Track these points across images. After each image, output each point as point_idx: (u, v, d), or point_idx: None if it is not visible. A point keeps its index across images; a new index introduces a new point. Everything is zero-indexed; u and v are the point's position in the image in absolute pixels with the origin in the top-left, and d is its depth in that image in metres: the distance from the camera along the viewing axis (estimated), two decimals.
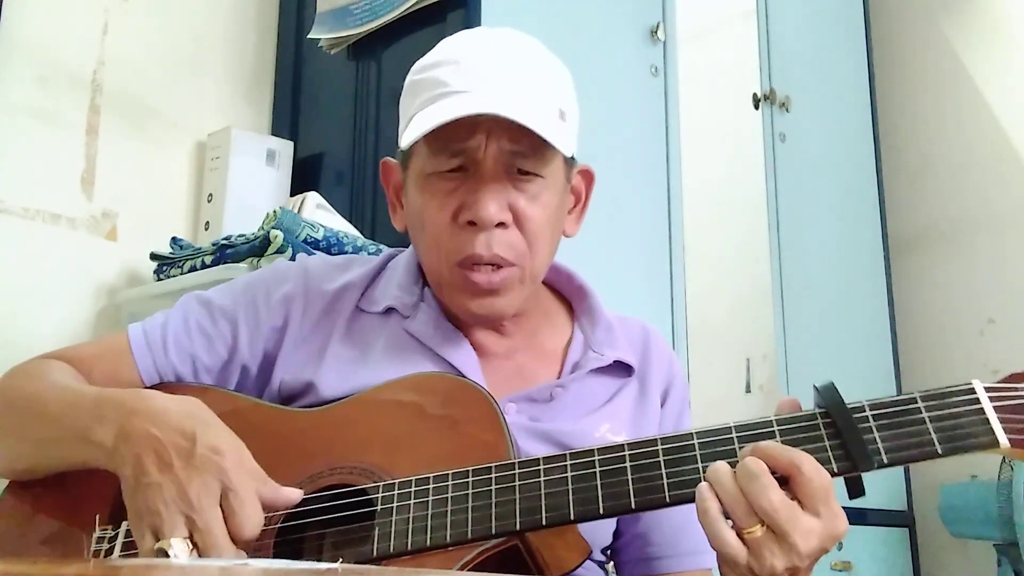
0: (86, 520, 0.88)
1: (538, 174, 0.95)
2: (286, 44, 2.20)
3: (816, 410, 0.81)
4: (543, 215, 0.97)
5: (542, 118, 0.93)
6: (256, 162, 1.99)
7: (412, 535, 0.80)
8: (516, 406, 0.98)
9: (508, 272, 0.96)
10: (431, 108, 0.93)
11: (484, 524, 0.80)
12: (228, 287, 1.06)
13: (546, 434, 0.96)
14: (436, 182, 0.95)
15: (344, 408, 0.93)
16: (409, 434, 0.88)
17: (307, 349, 1.01)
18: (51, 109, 1.84)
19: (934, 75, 2.81)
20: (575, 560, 0.83)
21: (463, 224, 0.94)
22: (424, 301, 1.03)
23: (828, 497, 0.75)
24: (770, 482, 0.74)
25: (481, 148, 0.93)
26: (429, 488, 0.82)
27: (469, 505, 0.80)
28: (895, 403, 0.80)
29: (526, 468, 0.82)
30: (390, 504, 0.82)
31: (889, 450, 0.78)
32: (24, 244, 1.78)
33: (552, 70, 0.99)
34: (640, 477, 0.80)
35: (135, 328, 1.02)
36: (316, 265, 1.07)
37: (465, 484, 0.82)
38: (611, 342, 1.05)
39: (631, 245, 2.00)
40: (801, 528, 0.74)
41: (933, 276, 2.73)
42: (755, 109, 2.40)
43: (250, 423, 0.92)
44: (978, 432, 0.77)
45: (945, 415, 0.78)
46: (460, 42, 0.98)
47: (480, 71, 0.93)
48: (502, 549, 0.80)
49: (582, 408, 1.01)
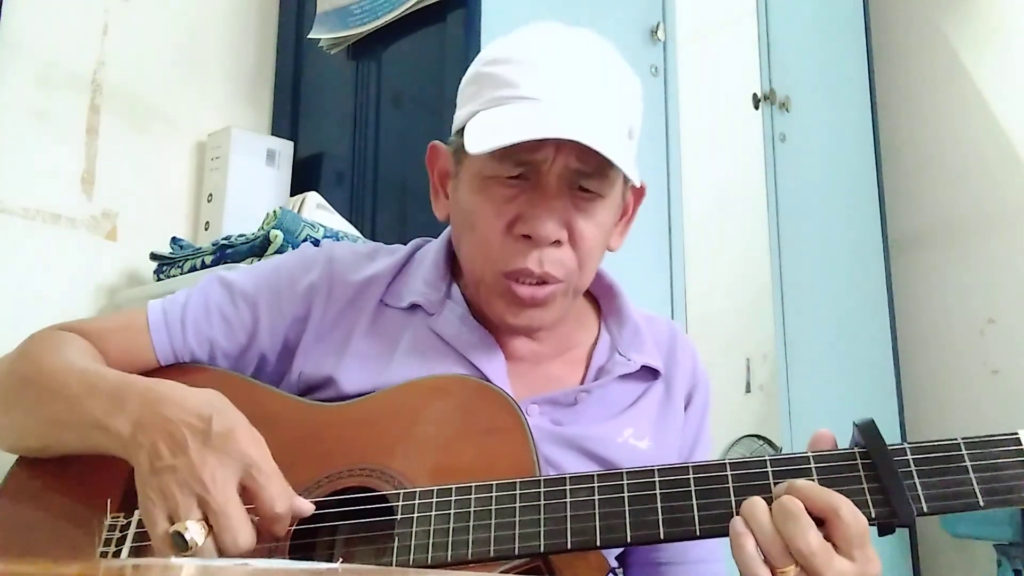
0: (97, 505, 0.86)
1: (600, 194, 0.93)
2: (286, 44, 2.20)
3: (855, 449, 0.78)
4: (597, 235, 0.95)
5: (612, 139, 0.90)
6: (256, 162, 1.99)
7: (433, 550, 0.78)
8: (539, 408, 0.96)
9: (554, 288, 0.94)
10: (500, 111, 0.89)
11: (507, 544, 0.78)
12: (252, 270, 1.03)
13: (568, 439, 0.95)
14: (494, 187, 0.92)
15: (366, 406, 0.91)
16: (432, 439, 0.86)
17: (329, 341, 0.99)
18: (51, 109, 1.84)
19: (934, 75, 2.81)
20: None
21: (517, 236, 0.92)
22: (451, 298, 1.00)
23: (864, 542, 0.73)
24: (808, 524, 0.72)
25: (548, 162, 0.90)
26: (451, 500, 0.80)
27: (492, 522, 0.78)
28: (937, 448, 0.77)
29: (552, 487, 0.79)
30: (411, 514, 0.80)
31: (930, 499, 0.75)
32: (24, 244, 1.78)
33: (625, 83, 0.96)
34: (670, 507, 0.77)
35: (155, 305, 1.00)
36: (342, 254, 1.04)
37: (488, 499, 0.79)
38: (638, 345, 1.03)
39: (631, 245, 1.99)
40: (835, 570, 0.72)
41: (933, 276, 2.73)
42: (755, 109, 2.40)
43: (269, 413, 0.91)
44: (1022, 487, 0.75)
45: (988, 465, 0.76)
46: (534, 40, 0.94)
47: (553, 77, 0.90)
48: (523, 569, 0.79)
49: (606, 412, 0.99)
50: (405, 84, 1.88)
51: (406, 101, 1.89)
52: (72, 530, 0.87)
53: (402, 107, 1.87)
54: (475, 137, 0.88)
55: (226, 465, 0.76)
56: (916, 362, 2.66)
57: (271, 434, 0.81)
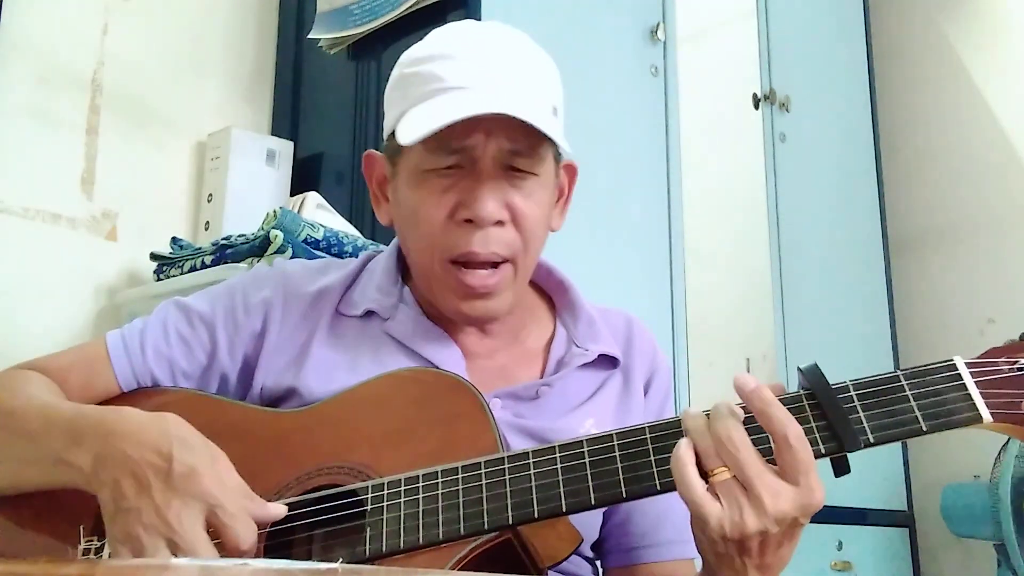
0: (70, 531, 0.87)
1: (533, 172, 0.96)
2: (286, 44, 2.20)
3: (801, 391, 0.81)
4: (538, 212, 0.97)
5: (539, 115, 0.92)
6: (256, 162, 1.99)
7: (404, 534, 0.80)
8: (501, 402, 0.98)
9: (502, 272, 0.96)
10: (428, 104, 0.92)
11: (476, 520, 0.80)
12: (207, 292, 1.05)
13: (531, 431, 0.96)
14: (432, 179, 0.94)
15: (328, 406, 0.93)
16: (396, 431, 0.88)
17: (287, 354, 1.00)
18: (51, 109, 1.84)
19: (934, 75, 2.81)
20: (567, 549, 0.84)
21: (460, 221, 0.94)
22: (403, 301, 1.03)
23: (808, 469, 0.75)
24: (736, 422, 0.76)
25: (479, 146, 0.92)
26: (419, 486, 0.82)
27: (460, 501, 0.80)
28: (878, 382, 0.80)
29: (515, 462, 0.81)
30: (380, 503, 0.82)
31: (875, 429, 0.78)
32: (24, 244, 1.78)
33: (544, 66, 0.98)
34: (630, 465, 0.80)
35: (113, 335, 1.01)
36: (294, 269, 1.06)
37: (455, 480, 0.81)
38: (594, 336, 1.05)
39: (631, 245, 2.00)
40: (767, 484, 0.74)
41: (933, 276, 2.73)
42: (755, 109, 2.40)
43: (233, 426, 0.92)
44: (961, 408, 0.78)
45: (928, 392, 0.79)
46: (451, 36, 0.97)
47: (476, 66, 0.92)
48: (495, 544, 0.80)
49: (567, 404, 1.01)
50: None
51: None
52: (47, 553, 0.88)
53: None
54: (406, 130, 0.91)
55: (190, 506, 0.76)
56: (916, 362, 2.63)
57: (238, 444, 0.82)
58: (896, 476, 2.49)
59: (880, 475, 2.46)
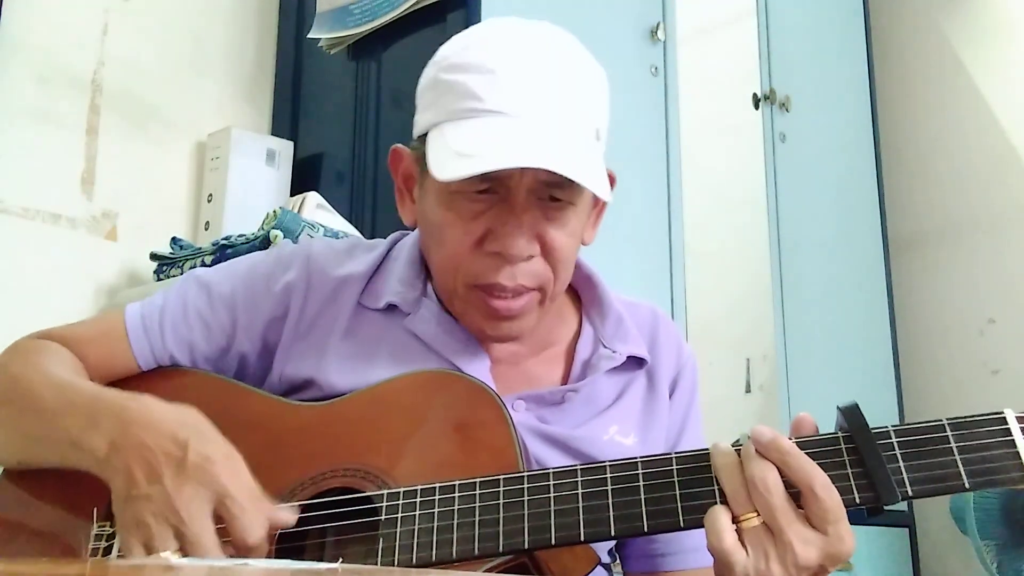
0: (83, 513, 0.86)
1: (571, 202, 0.92)
2: (286, 44, 2.20)
3: (839, 433, 0.77)
4: (570, 242, 0.93)
5: (580, 149, 0.89)
6: (256, 162, 1.99)
7: (417, 550, 0.78)
8: (525, 404, 0.96)
9: (529, 297, 0.92)
10: (465, 127, 0.87)
11: (491, 541, 0.77)
12: (230, 271, 1.02)
13: (554, 438, 0.94)
14: (461, 202, 0.90)
15: (347, 405, 0.91)
16: (415, 436, 0.86)
17: (308, 342, 0.98)
18: (51, 109, 1.84)
19: (934, 75, 2.81)
20: (583, 570, 0.82)
21: (488, 252, 0.90)
22: (427, 296, 0.99)
23: (838, 519, 0.72)
24: (769, 466, 0.73)
25: (515, 177, 0.88)
26: (435, 499, 0.80)
27: (476, 519, 0.78)
28: (922, 430, 0.76)
29: (535, 483, 0.79)
30: (395, 514, 0.80)
31: (915, 482, 0.74)
32: (24, 244, 1.78)
33: (590, 81, 0.94)
34: (654, 499, 0.77)
35: (133, 311, 0.99)
36: (319, 251, 1.02)
37: (472, 497, 0.79)
38: (623, 335, 1.01)
39: (631, 244, 2.00)
40: (797, 532, 0.72)
41: (933, 276, 2.73)
42: (755, 109, 2.40)
43: (250, 416, 0.91)
44: (1008, 467, 0.74)
45: (974, 446, 0.75)
46: (493, 43, 0.91)
47: (516, 88, 0.87)
48: (509, 564, 0.79)
49: (591, 410, 0.98)
50: (405, 84, 1.87)
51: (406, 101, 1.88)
52: (60, 538, 0.87)
53: (402, 107, 1.87)
54: (440, 159, 0.87)
55: (200, 496, 0.75)
56: (916, 362, 2.66)
57: (253, 436, 0.81)
58: None
59: None
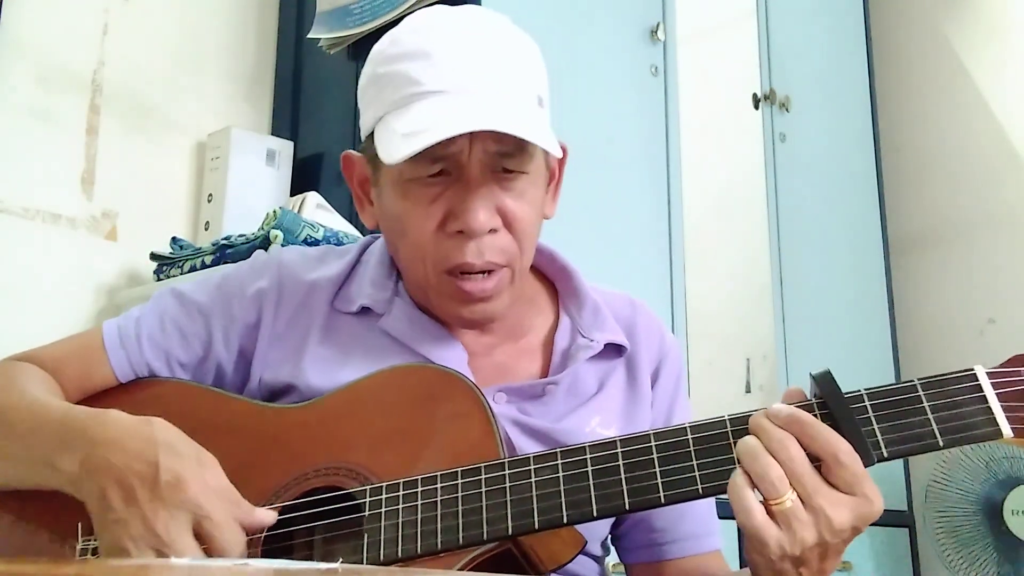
0: (68, 528, 0.85)
1: (523, 171, 0.92)
2: (286, 44, 2.20)
3: (813, 400, 0.78)
4: (530, 211, 0.93)
5: (524, 114, 0.89)
6: (256, 162, 1.99)
7: (402, 543, 0.78)
8: (506, 396, 0.96)
9: (500, 275, 0.93)
10: (407, 112, 0.88)
11: (475, 530, 0.77)
12: (204, 281, 1.03)
13: (535, 430, 0.94)
14: (417, 188, 0.90)
15: (326, 404, 0.91)
16: (395, 430, 0.86)
17: (284, 347, 0.98)
18: (51, 109, 1.84)
19: (934, 75, 2.81)
20: (570, 553, 0.82)
21: (451, 233, 0.90)
22: (399, 295, 1.00)
23: (863, 480, 0.74)
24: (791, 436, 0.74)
25: (465, 152, 0.88)
26: (418, 492, 0.80)
27: (459, 509, 0.78)
28: (894, 391, 0.76)
29: (516, 468, 0.79)
30: (378, 509, 0.80)
31: (890, 443, 0.75)
32: (24, 244, 1.78)
33: (525, 52, 0.93)
34: (633, 476, 0.77)
35: (110, 325, 0.99)
36: (291, 258, 1.03)
37: (454, 487, 0.79)
38: (600, 324, 1.01)
39: (631, 245, 2.00)
40: (828, 496, 0.72)
41: (933, 276, 2.73)
42: (755, 109, 2.40)
43: (230, 421, 0.91)
44: (980, 422, 0.74)
45: (946, 404, 0.75)
46: (424, 29, 0.92)
47: (453, 66, 0.88)
48: (495, 552, 0.79)
49: (573, 402, 0.98)
50: None
51: None
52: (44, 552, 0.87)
53: None
54: (387, 146, 0.87)
55: (177, 517, 0.75)
56: (916, 362, 2.66)
57: (234, 440, 0.81)
58: (896, 476, 2.49)
59: (880, 475, 2.44)
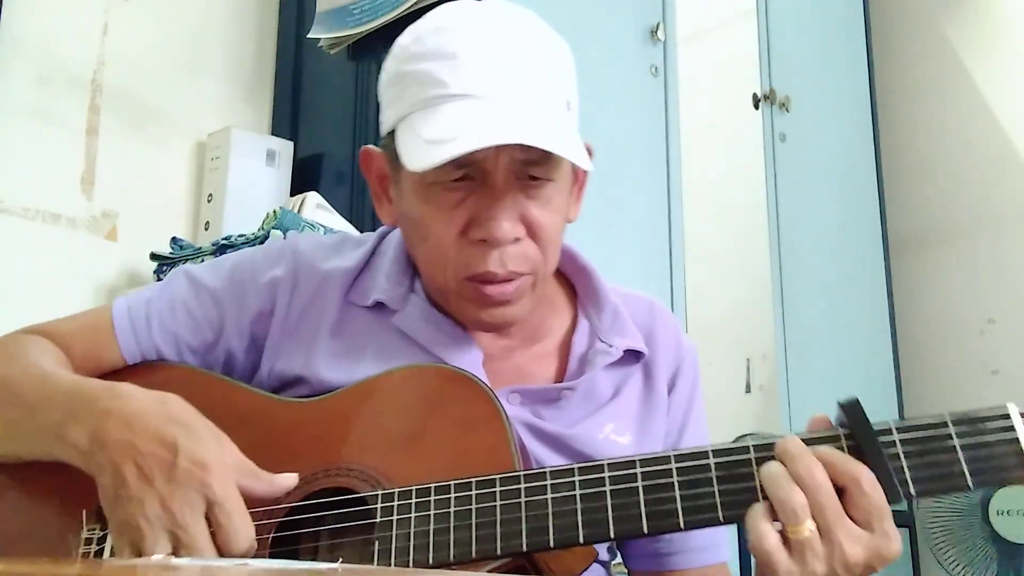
0: (72, 514, 0.84)
1: (550, 178, 0.89)
2: (286, 44, 2.20)
3: (840, 430, 0.75)
4: (555, 219, 0.91)
5: (552, 122, 0.87)
6: (256, 162, 1.99)
7: (414, 552, 0.77)
8: (520, 397, 0.94)
9: (522, 280, 0.90)
10: (431, 114, 0.85)
11: (489, 543, 0.76)
12: (218, 265, 1.01)
13: (548, 435, 0.93)
14: (440, 192, 0.87)
15: (339, 401, 0.89)
16: (409, 433, 0.84)
17: (296, 338, 0.96)
18: (51, 109, 1.84)
19: (934, 75, 2.81)
20: (581, 566, 0.80)
21: (473, 240, 0.88)
22: (414, 292, 0.97)
23: (883, 515, 0.71)
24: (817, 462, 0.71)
25: (490, 160, 0.85)
26: (431, 500, 0.78)
27: (473, 522, 0.76)
28: (924, 427, 0.74)
29: (532, 483, 0.77)
30: (390, 516, 0.78)
31: (918, 481, 0.72)
32: (24, 244, 1.78)
33: (553, 53, 0.91)
34: (653, 499, 0.75)
35: (120, 304, 0.98)
36: (307, 246, 1.01)
37: (468, 498, 0.77)
38: (619, 328, 0.99)
39: (631, 244, 2.00)
40: (847, 529, 0.70)
41: (933, 276, 2.73)
42: (755, 109, 2.40)
43: (240, 412, 0.89)
44: (1012, 465, 0.72)
45: (977, 443, 0.72)
46: (451, 28, 0.89)
47: (481, 68, 0.85)
48: (507, 565, 0.77)
49: (588, 407, 0.96)
50: None
51: None
52: (48, 542, 0.86)
53: None
54: (411, 150, 0.85)
55: (191, 500, 0.74)
56: (916, 362, 2.66)
57: (243, 434, 0.80)
58: None
59: None
